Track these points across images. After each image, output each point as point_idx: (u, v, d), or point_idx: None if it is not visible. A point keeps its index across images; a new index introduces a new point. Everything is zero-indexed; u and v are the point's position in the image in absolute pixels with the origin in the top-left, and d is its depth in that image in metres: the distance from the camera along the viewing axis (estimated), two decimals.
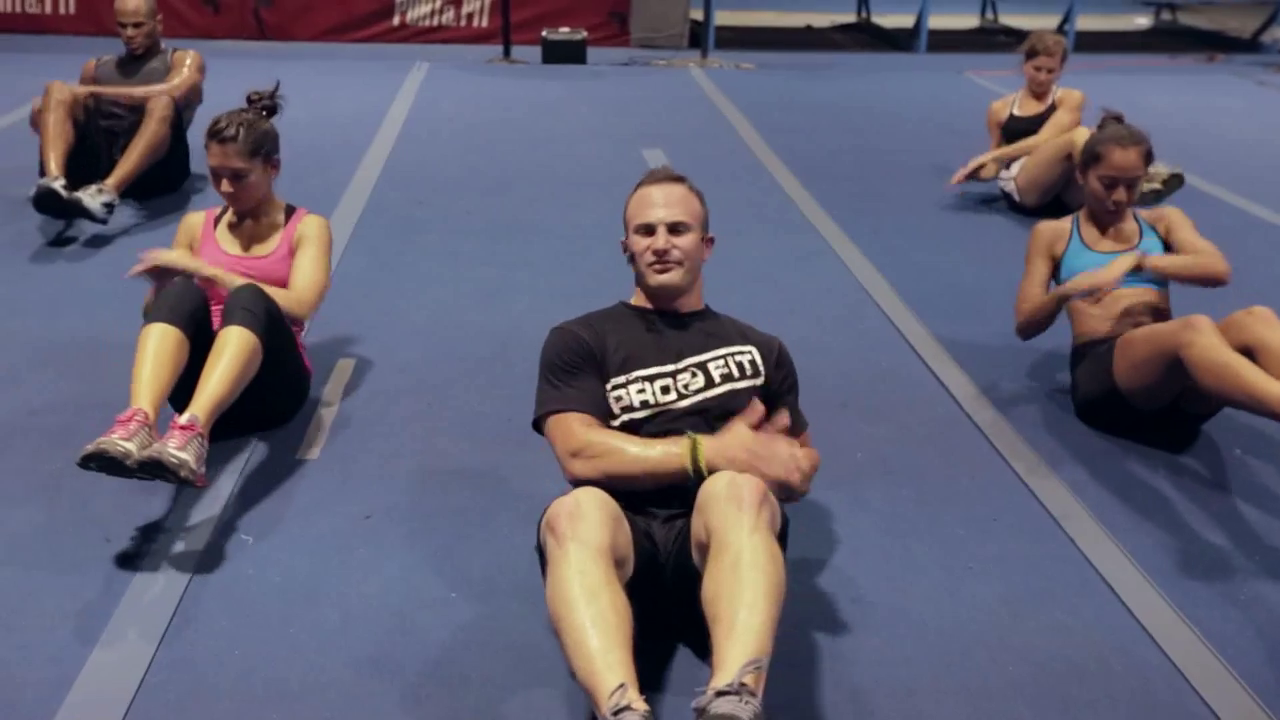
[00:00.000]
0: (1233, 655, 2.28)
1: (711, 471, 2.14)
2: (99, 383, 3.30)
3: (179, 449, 2.44)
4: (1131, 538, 2.70)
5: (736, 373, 2.40)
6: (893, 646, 2.29)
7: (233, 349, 2.72)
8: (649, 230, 2.41)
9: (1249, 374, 2.72)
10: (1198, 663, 2.26)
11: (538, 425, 2.37)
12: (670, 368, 2.38)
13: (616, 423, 2.34)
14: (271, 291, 2.98)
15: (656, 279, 2.41)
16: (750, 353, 2.44)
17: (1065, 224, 3.45)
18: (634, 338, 2.41)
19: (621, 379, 2.36)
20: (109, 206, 4.55)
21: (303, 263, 3.17)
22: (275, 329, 2.88)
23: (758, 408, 2.28)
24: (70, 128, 4.69)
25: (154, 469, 2.42)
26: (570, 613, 1.89)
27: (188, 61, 5.12)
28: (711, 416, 2.33)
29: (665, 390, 2.35)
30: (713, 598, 1.91)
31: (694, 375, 2.38)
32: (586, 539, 1.97)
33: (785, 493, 2.20)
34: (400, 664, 2.20)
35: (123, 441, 2.43)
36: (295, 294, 3.09)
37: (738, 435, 2.20)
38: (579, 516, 2.00)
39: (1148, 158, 3.32)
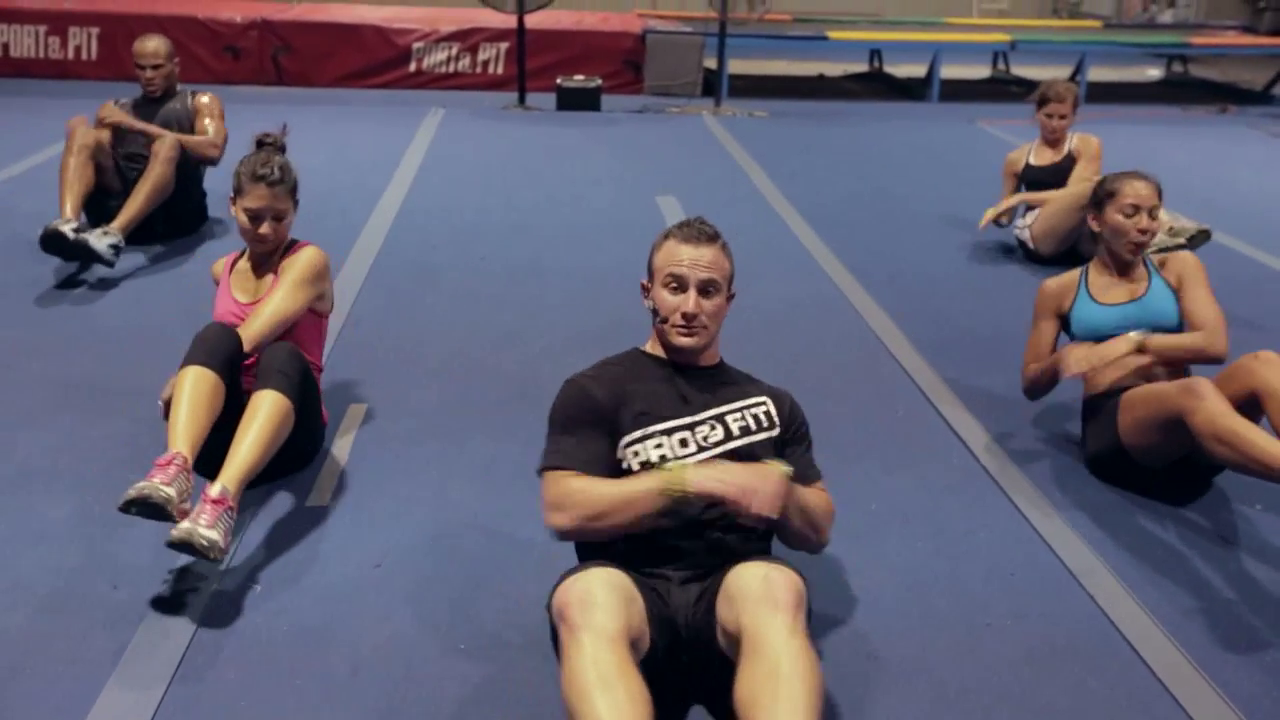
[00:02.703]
0: (1259, 717, 2.23)
1: (688, 494, 2.11)
2: (110, 427, 3.29)
3: (209, 528, 2.42)
4: (1151, 595, 2.66)
5: (754, 425, 2.38)
6: (911, 704, 2.25)
7: (266, 413, 2.70)
8: (680, 285, 2.35)
9: (1259, 441, 2.65)
10: None
11: (541, 475, 2.35)
12: (688, 420, 2.34)
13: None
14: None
15: (680, 340, 2.37)
16: (766, 404, 2.42)
17: (1073, 277, 3.40)
18: (651, 390, 2.37)
19: (637, 434, 2.31)
20: (116, 249, 4.52)
21: (269, 297, 3.04)
22: (306, 388, 2.88)
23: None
24: (91, 171, 4.70)
25: (183, 549, 2.41)
26: (585, 704, 1.84)
27: (215, 111, 5.13)
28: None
29: (684, 444, 2.31)
30: (749, 702, 1.86)
31: (713, 428, 2.34)
32: (599, 627, 1.92)
33: (807, 545, 2.26)
34: (409, 717, 2.16)
35: (164, 487, 2.45)
36: (245, 330, 2.94)
37: (725, 466, 2.17)
38: (590, 604, 1.95)
39: (1159, 194, 3.31)
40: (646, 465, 2.28)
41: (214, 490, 2.52)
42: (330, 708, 2.18)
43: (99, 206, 4.80)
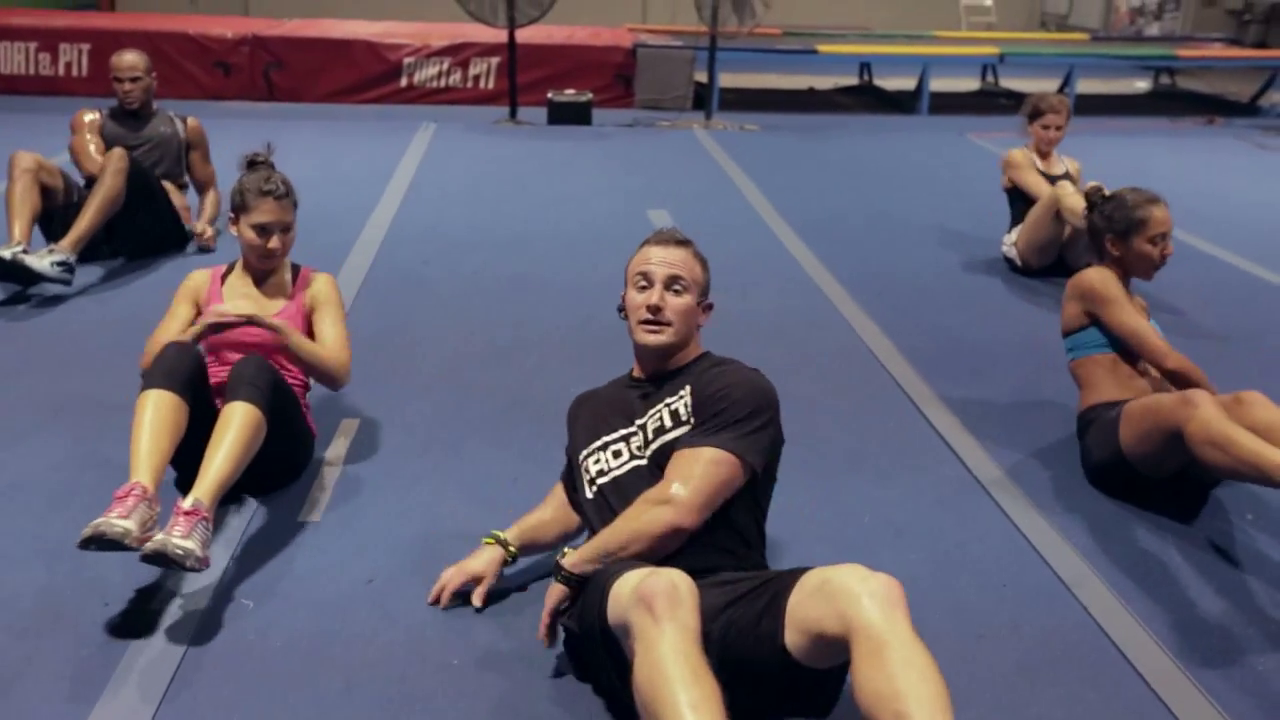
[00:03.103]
0: None
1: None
2: (101, 443, 3.28)
3: (183, 538, 2.38)
4: (1145, 606, 2.66)
5: (669, 422, 2.36)
6: None
7: (237, 425, 2.67)
8: (646, 281, 2.40)
9: (1249, 444, 2.66)
10: None
11: None
12: (623, 432, 2.42)
13: (590, 491, 2.41)
14: (317, 358, 3.07)
15: (645, 339, 2.41)
16: (684, 396, 2.38)
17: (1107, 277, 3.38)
18: (606, 409, 2.48)
19: (587, 450, 2.46)
20: (64, 265, 4.45)
21: (328, 327, 3.19)
22: (280, 398, 2.85)
23: None
24: (37, 195, 4.61)
25: (158, 561, 2.37)
26: (673, 694, 1.82)
27: (208, 147, 5.32)
28: (654, 470, 2.33)
29: (616, 455, 2.40)
30: (890, 694, 1.80)
31: (638, 435, 2.40)
32: (685, 623, 1.91)
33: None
34: None
35: (120, 521, 2.39)
36: (336, 359, 3.12)
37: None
38: (678, 599, 1.93)
39: None
40: (591, 482, 2.42)
41: (186, 503, 2.47)
42: None
43: (58, 229, 4.72)
